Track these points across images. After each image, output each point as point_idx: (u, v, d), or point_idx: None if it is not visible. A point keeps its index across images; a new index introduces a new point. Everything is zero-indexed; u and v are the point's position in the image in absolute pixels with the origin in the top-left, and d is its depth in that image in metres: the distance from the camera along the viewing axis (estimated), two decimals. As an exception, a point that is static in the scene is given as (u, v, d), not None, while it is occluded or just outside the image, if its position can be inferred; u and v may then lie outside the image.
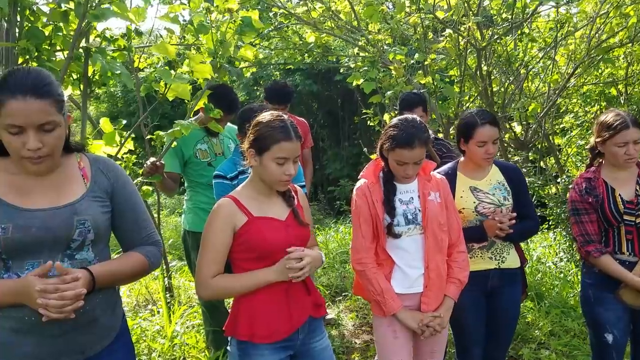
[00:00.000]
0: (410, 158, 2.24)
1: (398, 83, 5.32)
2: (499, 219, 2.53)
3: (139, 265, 1.81)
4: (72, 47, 2.32)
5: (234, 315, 2.02)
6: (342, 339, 4.09)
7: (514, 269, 2.68)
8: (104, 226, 1.75)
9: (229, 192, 2.09)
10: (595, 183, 2.57)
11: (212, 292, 1.98)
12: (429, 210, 2.32)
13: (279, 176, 1.96)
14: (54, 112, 1.57)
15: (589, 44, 5.79)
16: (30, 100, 1.52)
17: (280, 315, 1.98)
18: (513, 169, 2.76)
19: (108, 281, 1.72)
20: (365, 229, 2.34)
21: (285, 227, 2.02)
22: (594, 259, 2.51)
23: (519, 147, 6.64)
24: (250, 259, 1.98)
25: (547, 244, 5.97)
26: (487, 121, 2.56)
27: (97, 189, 1.76)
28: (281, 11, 6.03)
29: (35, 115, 1.53)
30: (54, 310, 1.51)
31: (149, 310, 4.42)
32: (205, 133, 3.43)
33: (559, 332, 4.00)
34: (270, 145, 1.94)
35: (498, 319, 2.71)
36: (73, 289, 1.54)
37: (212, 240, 1.95)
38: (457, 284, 2.38)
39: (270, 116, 2.00)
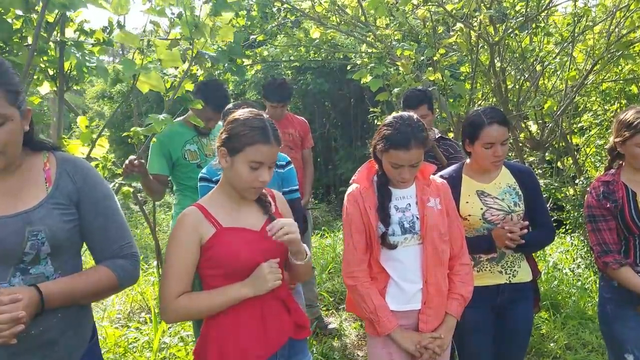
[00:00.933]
0: (406, 160, 2.00)
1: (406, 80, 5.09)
2: (509, 228, 2.29)
3: (104, 282, 1.59)
4: (35, 38, 2.13)
5: (203, 339, 1.79)
6: (343, 351, 3.86)
7: (525, 283, 2.44)
8: (64, 237, 1.54)
9: None
10: (614, 187, 2.31)
11: (177, 314, 1.75)
12: (428, 218, 2.08)
13: (250, 182, 1.73)
14: (2, 104, 1.39)
15: (608, 38, 5.51)
16: None
17: (253, 338, 1.75)
18: (525, 171, 2.52)
19: (63, 300, 1.51)
20: (357, 239, 2.11)
21: (260, 239, 1.78)
22: (613, 271, 2.26)
23: (535, 147, 6.37)
24: (220, 275, 1.74)
25: (564, 249, 5.68)
26: (495, 120, 2.32)
27: (59, 195, 1.56)
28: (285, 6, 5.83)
29: None
30: None
31: (142, 318, 4.24)
32: (195, 133, 3.23)
33: (576, 346, 3.73)
34: (245, 147, 1.71)
35: (508, 339, 2.46)
36: (9, 311, 1.35)
37: (176, 255, 1.72)
38: (460, 300, 2.15)
39: (248, 114, 1.77)
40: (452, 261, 2.18)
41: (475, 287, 2.28)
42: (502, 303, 2.41)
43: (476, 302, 2.28)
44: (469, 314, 2.26)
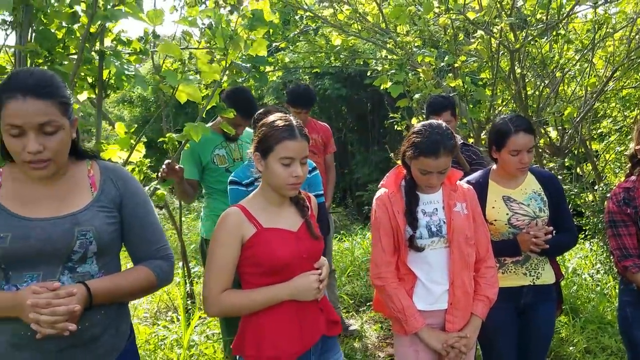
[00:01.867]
0: (434, 167, 2.09)
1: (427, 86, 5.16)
2: (534, 233, 2.36)
3: (145, 281, 1.71)
4: (81, 49, 2.26)
5: (241, 334, 1.89)
6: (365, 352, 3.94)
7: (549, 285, 2.52)
8: (109, 238, 1.66)
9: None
10: (634, 193, 2.38)
11: (221, 309, 1.86)
12: (455, 222, 2.17)
13: (285, 179, 1.83)
14: (55, 114, 1.51)
15: (628, 45, 5.55)
16: (30, 100, 1.47)
17: (290, 335, 1.84)
18: (550, 177, 2.59)
19: (108, 297, 1.63)
20: (386, 242, 2.20)
21: (296, 240, 1.89)
22: (632, 275, 2.32)
23: (555, 153, 6.40)
24: (259, 273, 1.85)
25: (583, 254, 5.70)
26: (522, 129, 2.39)
27: (104, 199, 1.68)
28: (307, 14, 5.94)
29: (35, 116, 1.47)
30: (46, 326, 1.44)
31: (169, 317, 4.35)
32: (223, 138, 3.34)
33: (595, 350, 3.77)
34: (274, 146, 1.82)
35: (530, 338, 2.54)
36: (66, 304, 1.46)
37: (219, 253, 1.83)
38: (486, 301, 2.22)
39: (274, 117, 1.89)
40: (478, 264, 2.25)
41: (500, 288, 2.35)
42: (526, 304, 2.49)
43: (501, 303, 2.35)
44: (493, 314, 2.33)
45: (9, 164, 1.65)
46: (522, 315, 2.53)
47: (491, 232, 2.43)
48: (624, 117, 6.95)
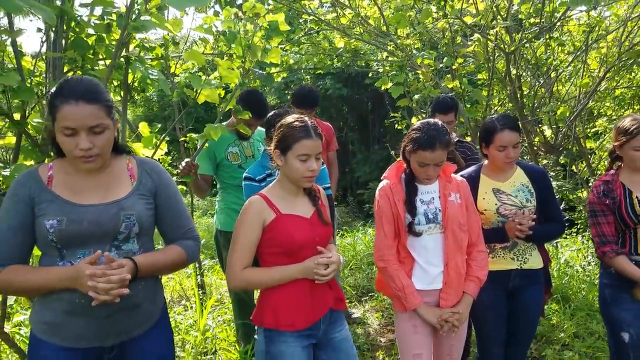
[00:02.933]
0: (431, 159, 2.34)
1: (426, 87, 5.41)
2: (518, 221, 2.61)
3: (178, 258, 1.98)
4: (114, 56, 2.50)
5: (261, 306, 2.16)
6: (367, 337, 4.20)
7: (536, 269, 2.75)
8: (147, 221, 1.92)
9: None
10: (613, 186, 2.62)
11: (242, 283, 2.13)
12: (449, 210, 2.42)
13: (302, 172, 2.10)
14: (103, 116, 1.76)
15: (619, 47, 5.77)
16: (82, 105, 1.71)
17: (304, 306, 2.12)
18: (538, 171, 2.82)
19: (150, 270, 1.89)
20: (388, 228, 2.45)
21: (310, 225, 2.17)
22: (610, 260, 2.57)
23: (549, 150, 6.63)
24: (277, 253, 2.12)
25: (575, 247, 5.95)
26: (507, 126, 2.63)
27: (143, 188, 1.94)
28: (311, 18, 6.18)
29: (86, 119, 1.72)
30: (102, 292, 1.68)
31: (182, 305, 4.61)
32: (236, 137, 3.59)
33: (584, 334, 4.03)
34: (293, 144, 2.09)
35: (518, 318, 2.78)
36: (118, 274, 1.72)
37: (243, 234, 2.10)
38: (476, 281, 2.48)
39: (292, 118, 2.16)
40: (470, 248, 2.51)
41: (490, 271, 2.61)
42: (514, 287, 2.73)
43: (491, 285, 2.61)
44: (484, 294, 2.59)
45: (58, 159, 1.91)
46: (511, 298, 2.77)
47: (482, 221, 2.68)
48: (618, 116, 7.18)
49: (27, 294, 2.05)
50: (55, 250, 1.81)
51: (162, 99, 17.26)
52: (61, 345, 1.83)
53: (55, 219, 1.77)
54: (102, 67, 2.82)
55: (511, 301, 2.77)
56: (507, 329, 2.79)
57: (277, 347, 2.09)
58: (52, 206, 1.80)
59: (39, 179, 1.84)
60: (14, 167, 2.30)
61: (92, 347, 1.86)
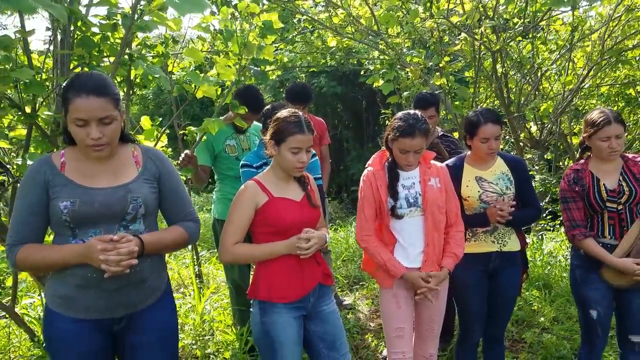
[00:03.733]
0: (411, 146, 2.55)
1: (415, 84, 5.62)
2: (499, 207, 2.80)
3: (180, 237, 2.17)
4: (119, 54, 2.69)
5: (256, 280, 2.37)
6: (357, 322, 4.40)
7: (514, 252, 2.94)
8: (152, 204, 2.10)
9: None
10: (582, 174, 2.83)
11: (232, 257, 2.34)
12: (429, 194, 2.63)
13: (293, 163, 2.31)
14: (111, 108, 1.93)
15: (602, 46, 5.97)
16: (93, 98, 1.88)
17: (294, 280, 2.33)
18: (516, 161, 3.01)
19: (155, 248, 2.07)
20: (368, 211, 2.66)
21: (300, 207, 2.38)
22: (579, 242, 2.78)
23: (534, 145, 6.85)
24: (268, 232, 2.33)
25: (559, 239, 6.18)
26: (490, 120, 2.82)
27: (147, 173, 2.13)
28: (305, 17, 6.37)
29: (97, 111, 1.89)
30: (113, 264, 1.86)
31: (180, 293, 4.80)
32: (233, 130, 3.78)
33: (562, 319, 4.24)
34: (286, 137, 2.29)
35: (497, 298, 2.98)
36: (127, 247, 1.90)
37: (237, 213, 2.31)
38: (454, 257, 2.68)
39: (287, 113, 2.36)
40: (448, 228, 2.72)
41: (472, 253, 2.83)
42: (494, 268, 2.92)
43: (472, 266, 2.83)
44: (467, 275, 2.82)
45: (69, 147, 2.08)
46: (491, 279, 2.96)
47: (465, 207, 2.89)
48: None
49: (43, 270, 2.22)
50: (69, 230, 1.98)
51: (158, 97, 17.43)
52: (75, 317, 2.00)
53: (69, 201, 1.94)
54: (107, 64, 3.01)
55: (491, 282, 2.96)
56: (487, 306, 2.98)
57: (271, 317, 2.30)
58: (66, 189, 1.97)
59: (53, 165, 2.01)
60: (28, 155, 2.49)
61: (103, 318, 2.03)
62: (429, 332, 2.76)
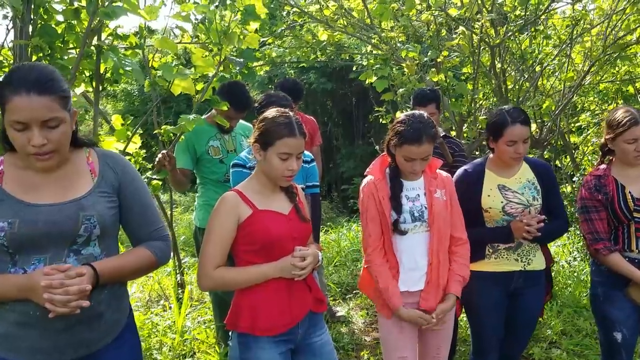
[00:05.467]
0: (418, 154, 2.24)
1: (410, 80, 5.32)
2: (527, 221, 2.46)
3: (145, 261, 1.82)
4: (83, 44, 2.36)
5: (236, 308, 2.04)
6: (351, 336, 4.10)
7: (538, 270, 2.64)
8: (110, 222, 1.76)
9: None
10: (605, 181, 2.54)
11: (214, 283, 2.01)
12: (435, 208, 2.32)
13: (282, 171, 1.99)
14: (57, 109, 1.58)
15: (605, 41, 5.73)
16: (34, 97, 1.53)
17: (281, 309, 2.00)
18: (544, 167, 2.70)
19: (113, 277, 1.73)
20: (372, 227, 2.35)
21: (288, 221, 2.06)
22: (603, 257, 2.49)
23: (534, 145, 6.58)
24: (253, 251, 2.00)
25: (561, 243, 5.92)
26: (518, 120, 2.49)
27: (104, 184, 1.77)
28: (294, 9, 6.05)
29: (39, 112, 1.54)
30: (60, 305, 1.53)
31: (161, 305, 4.47)
32: (217, 130, 3.45)
33: (571, 332, 3.97)
34: (274, 141, 1.97)
35: (517, 319, 2.68)
36: (78, 284, 1.56)
37: (216, 232, 1.98)
38: (461, 280, 2.38)
39: (275, 112, 2.03)
40: (453, 241, 2.41)
41: (492, 272, 2.54)
42: (516, 288, 2.61)
43: (492, 286, 2.54)
44: (484, 295, 2.53)
45: (9, 152, 1.71)
46: (512, 298, 2.64)
47: (485, 219, 2.57)
48: (601, 111, 7.16)
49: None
50: (7, 256, 1.63)
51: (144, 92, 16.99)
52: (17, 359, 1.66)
53: (6, 221, 1.59)
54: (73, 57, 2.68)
55: (511, 301, 2.65)
56: (505, 328, 2.69)
57: (253, 354, 1.98)
58: (3, 206, 1.62)
59: None
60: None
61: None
62: (435, 359, 2.46)
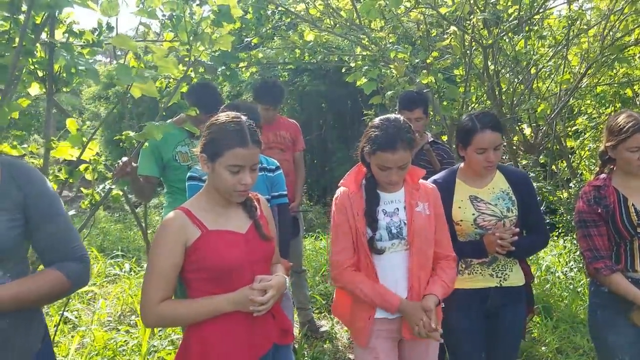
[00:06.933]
0: (393, 162, 1.99)
1: (399, 82, 5.08)
2: (499, 235, 2.27)
3: (55, 285, 1.58)
4: (20, 40, 2.11)
5: (185, 345, 1.78)
6: (335, 354, 3.85)
7: (517, 287, 2.43)
8: (12, 243, 1.53)
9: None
10: (605, 192, 2.30)
11: (159, 320, 1.73)
12: (416, 224, 2.07)
13: (232, 186, 1.73)
14: None
15: (602, 42, 5.52)
16: None
17: (238, 344, 1.74)
18: (520, 176, 2.49)
19: (16, 304, 1.50)
20: (343, 243, 2.10)
21: (245, 242, 1.79)
22: (604, 278, 2.25)
23: (529, 149, 6.36)
24: (205, 278, 1.74)
25: (557, 252, 5.68)
26: (488, 126, 2.29)
27: (5, 200, 1.53)
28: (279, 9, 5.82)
29: None
30: None
31: (133, 321, 4.21)
32: (186, 135, 3.21)
33: (567, 350, 3.73)
34: (223, 152, 1.71)
35: (499, 341, 2.47)
36: None
37: (159, 260, 1.71)
38: (445, 286, 2.12)
39: (225, 117, 1.77)
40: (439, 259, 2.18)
41: (466, 289, 2.31)
42: (493, 306, 2.41)
43: (467, 305, 2.31)
44: (459, 316, 2.30)
45: None
46: (490, 318, 2.44)
47: (457, 233, 2.36)
48: (598, 114, 6.96)
49: None
50: None
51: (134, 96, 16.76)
52: None
53: None
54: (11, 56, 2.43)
55: (490, 322, 2.44)
56: (486, 351, 2.48)
57: None
58: None
59: None
60: None
61: None
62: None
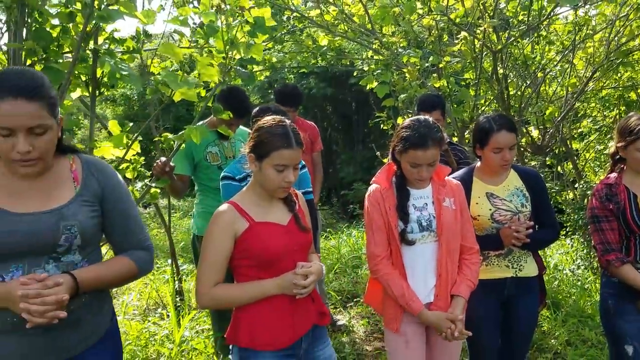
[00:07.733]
0: (424, 159, 2.17)
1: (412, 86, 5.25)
2: (515, 228, 2.45)
3: (126, 271, 1.78)
4: (77, 48, 2.29)
5: (235, 322, 1.97)
6: (353, 346, 4.01)
7: (531, 277, 2.61)
8: (92, 231, 1.72)
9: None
10: (616, 189, 2.47)
11: (213, 302, 1.94)
12: (444, 217, 2.25)
13: (278, 183, 1.92)
14: (45, 115, 1.54)
15: (608, 47, 5.67)
16: (21, 102, 1.49)
17: (283, 323, 1.93)
18: (533, 175, 2.67)
19: (93, 286, 1.69)
20: (379, 237, 2.27)
21: (287, 233, 1.98)
22: (615, 269, 2.42)
23: (536, 151, 6.52)
24: (252, 265, 1.93)
25: (564, 250, 5.84)
26: (504, 127, 2.48)
27: (87, 193, 1.73)
28: (294, 14, 5.99)
29: (26, 118, 1.50)
30: (37, 315, 1.49)
31: (158, 314, 4.38)
32: (216, 136, 3.38)
33: (576, 342, 3.89)
34: (270, 152, 1.89)
35: (513, 329, 2.65)
36: (55, 294, 1.52)
37: (213, 248, 1.90)
38: (470, 285, 2.31)
39: (271, 121, 1.96)
40: (464, 253, 2.35)
41: (484, 280, 2.46)
42: (509, 295, 2.58)
43: (484, 295, 2.46)
44: (477, 306, 2.44)
45: None
46: (505, 307, 2.62)
47: (475, 227, 2.52)
48: (603, 117, 7.11)
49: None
50: None
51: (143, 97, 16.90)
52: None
53: None
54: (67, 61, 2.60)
55: (506, 311, 2.62)
56: (502, 339, 2.65)
57: None
58: None
59: None
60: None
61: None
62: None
